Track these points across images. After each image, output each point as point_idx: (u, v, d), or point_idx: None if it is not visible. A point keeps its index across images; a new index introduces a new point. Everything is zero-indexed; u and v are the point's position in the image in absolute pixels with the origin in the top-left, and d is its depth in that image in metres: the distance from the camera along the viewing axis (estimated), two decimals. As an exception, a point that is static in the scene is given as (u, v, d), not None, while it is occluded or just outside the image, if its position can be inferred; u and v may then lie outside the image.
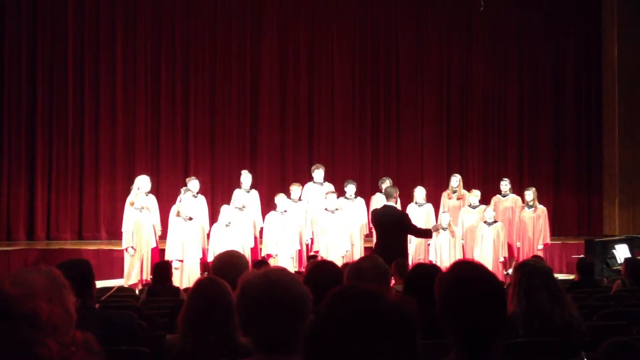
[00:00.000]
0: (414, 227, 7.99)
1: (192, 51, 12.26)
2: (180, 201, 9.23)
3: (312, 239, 9.69)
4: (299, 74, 12.68)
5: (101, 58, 11.84)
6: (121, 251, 9.23)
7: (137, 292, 7.65)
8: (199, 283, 2.74)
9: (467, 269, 1.92)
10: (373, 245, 8.49)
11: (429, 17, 13.14)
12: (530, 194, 10.22)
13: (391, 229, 7.59)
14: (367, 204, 10.22)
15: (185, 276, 8.75)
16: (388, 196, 7.99)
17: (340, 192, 9.95)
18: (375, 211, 8.14)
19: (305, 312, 1.89)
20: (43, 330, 1.33)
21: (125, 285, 8.47)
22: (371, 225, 8.35)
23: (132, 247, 8.91)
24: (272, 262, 8.59)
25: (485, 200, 10.41)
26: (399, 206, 9.67)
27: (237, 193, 9.78)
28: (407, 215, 8.15)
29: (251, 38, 12.50)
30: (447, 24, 13.13)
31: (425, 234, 8.29)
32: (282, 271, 2.03)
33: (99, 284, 8.87)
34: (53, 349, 1.30)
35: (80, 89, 11.76)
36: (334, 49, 12.81)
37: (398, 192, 8.40)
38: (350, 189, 10.03)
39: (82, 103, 11.75)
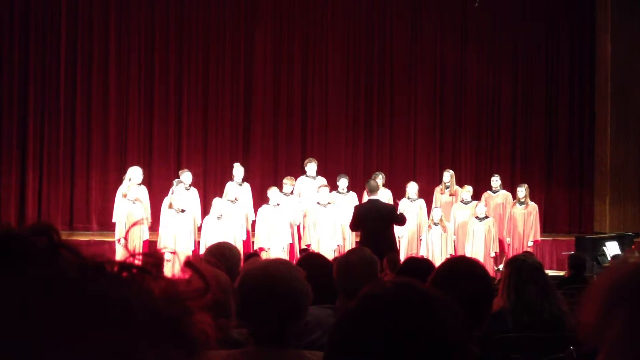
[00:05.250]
0: (397, 216, 8.04)
1: (186, 42, 12.20)
2: (172, 193, 9.21)
3: (303, 232, 9.69)
4: (292, 67, 12.65)
5: (94, 48, 11.78)
6: (112, 242, 9.21)
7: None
8: None
9: (461, 265, 1.93)
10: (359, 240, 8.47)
11: (424, 11, 13.12)
12: (522, 190, 10.26)
13: (380, 222, 7.58)
14: (359, 199, 10.23)
15: (177, 268, 8.72)
16: (372, 190, 8.00)
17: (333, 186, 9.95)
18: (359, 207, 8.13)
19: (303, 308, 1.92)
20: None
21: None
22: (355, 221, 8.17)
23: (125, 239, 8.90)
24: (264, 256, 8.58)
25: (476, 196, 10.44)
26: (391, 201, 9.72)
27: (229, 186, 9.77)
28: (393, 206, 8.18)
29: (245, 30, 12.45)
30: (441, 19, 13.12)
31: (403, 219, 8.29)
32: (283, 265, 2.02)
33: (90, 275, 8.88)
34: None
35: (73, 79, 11.70)
36: (328, 42, 12.78)
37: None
38: (343, 183, 10.03)
39: (74, 93, 11.69)
